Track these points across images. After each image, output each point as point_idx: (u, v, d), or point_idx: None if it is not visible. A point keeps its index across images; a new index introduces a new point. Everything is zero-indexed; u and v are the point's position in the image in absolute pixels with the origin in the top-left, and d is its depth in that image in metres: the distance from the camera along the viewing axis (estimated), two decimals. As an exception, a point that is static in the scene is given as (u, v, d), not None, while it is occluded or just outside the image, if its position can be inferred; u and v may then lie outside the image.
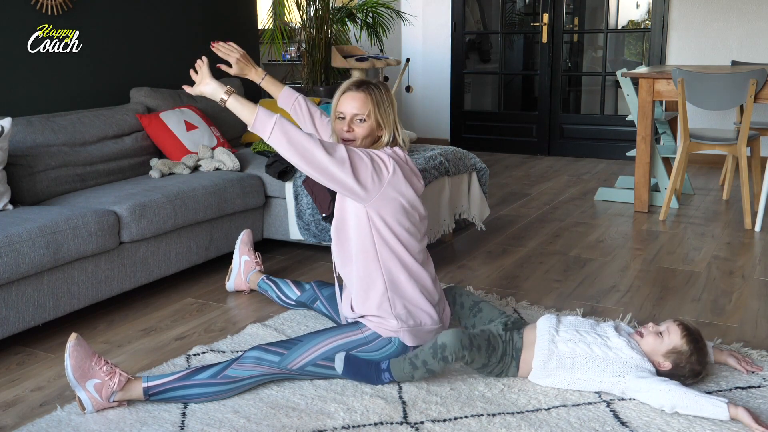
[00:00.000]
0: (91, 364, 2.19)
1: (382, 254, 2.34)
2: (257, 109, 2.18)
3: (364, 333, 2.37)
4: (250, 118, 2.18)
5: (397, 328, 2.35)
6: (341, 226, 2.41)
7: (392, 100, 2.41)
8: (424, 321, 2.39)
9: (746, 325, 2.84)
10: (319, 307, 2.86)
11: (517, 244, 4.00)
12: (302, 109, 2.67)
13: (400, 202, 2.32)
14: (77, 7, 3.82)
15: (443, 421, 2.13)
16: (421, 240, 2.44)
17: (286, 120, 2.19)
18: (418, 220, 2.40)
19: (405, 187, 2.32)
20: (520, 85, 7.76)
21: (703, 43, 6.12)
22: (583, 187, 5.45)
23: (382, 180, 2.27)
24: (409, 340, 2.37)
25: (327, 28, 5.91)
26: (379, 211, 2.30)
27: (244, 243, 3.26)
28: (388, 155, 2.32)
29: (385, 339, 2.36)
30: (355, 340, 2.35)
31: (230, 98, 2.23)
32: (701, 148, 4.41)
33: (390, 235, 2.33)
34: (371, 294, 2.37)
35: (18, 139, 3.26)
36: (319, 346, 2.32)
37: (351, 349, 2.33)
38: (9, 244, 2.59)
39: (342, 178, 2.21)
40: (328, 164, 2.18)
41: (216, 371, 2.25)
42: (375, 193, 2.26)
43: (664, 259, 3.70)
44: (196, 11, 4.57)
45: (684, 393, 2.11)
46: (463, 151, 3.89)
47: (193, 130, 3.86)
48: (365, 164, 2.24)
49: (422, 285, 2.41)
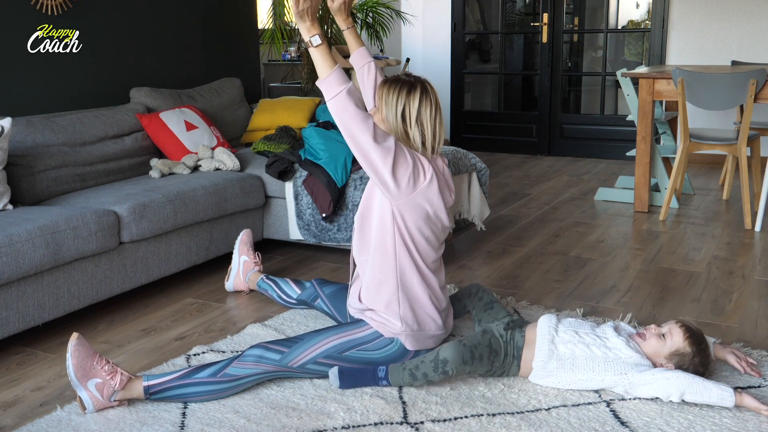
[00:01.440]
0: (93, 364, 2.20)
1: (400, 254, 2.34)
2: (334, 70, 2.18)
3: (365, 332, 2.36)
4: (324, 74, 2.19)
5: (400, 330, 2.35)
6: (366, 215, 2.40)
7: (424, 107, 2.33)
8: (429, 326, 2.39)
9: (746, 325, 2.84)
10: (320, 305, 2.86)
11: (517, 244, 4.00)
12: (370, 75, 2.67)
13: (426, 210, 2.31)
14: (77, 7, 3.82)
15: (443, 421, 2.13)
16: (438, 249, 2.45)
17: (353, 93, 2.18)
18: (440, 230, 2.40)
19: (436, 198, 2.32)
20: (520, 85, 7.76)
21: (703, 43, 6.12)
22: (583, 187, 5.45)
23: (417, 185, 2.27)
24: (411, 344, 2.36)
25: (327, 28, 5.91)
26: (402, 212, 2.30)
27: (243, 243, 3.26)
28: (428, 163, 2.31)
29: (386, 339, 2.35)
30: (356, 338, 2.35)
31: (316, 47, 2.21)
32: (701, 148, 4.41)
33: (409, 239, 2.33)
34: (383, 290, 2.36)
35: (18, 139, 3.26)
36: (321, 344, 2.32)
37: (351, 348, 2.33)
38: (9, 244, 2.60)
39: (380, 167, 2.20)
40: (371, 150, 2.18)
41: (216, 369, 2.25)
42: (406, 195, 2.26)
43: (664, 259, 3.70)
44: (196, 11, 4.57)
45: (692, 378, 2.13)
46: (463, 151, 3.89)
47: (193, 130, 3.86)
48: (407, 164, 2.24)
49: (432, 291, 2.41)
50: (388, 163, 2.20)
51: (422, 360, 2.27)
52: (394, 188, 2.24)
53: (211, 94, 4.37)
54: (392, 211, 2.30)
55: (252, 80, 5.05)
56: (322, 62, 2.20)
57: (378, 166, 2.20)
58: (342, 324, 2.44)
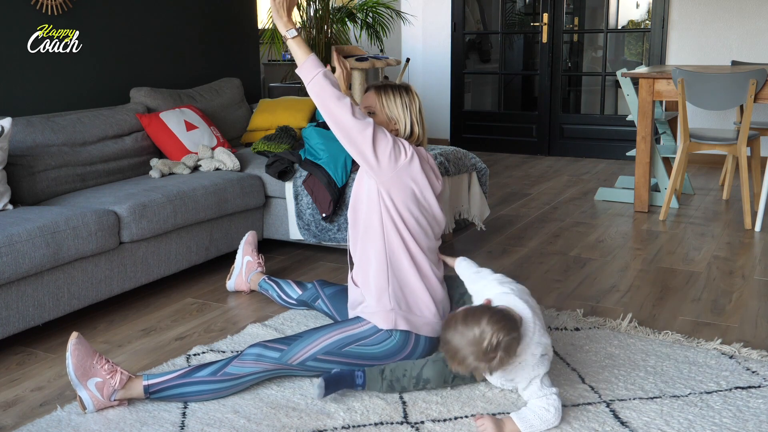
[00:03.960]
0: (93, 363, 2.20)
1: (389, 234, 2.39)
2: (309, 56, 2.36)
3: (364, 327, 2.37)
4: (301, 61, 2.37)
5: (389, 308, 2.35)
6: (357, 206, 2.47)
7: (408, 101, 2.54)
8: (422, 312, 2.40)
9: (746, 325, 2.84)
10: (321, 305, 2.86)
11: (517, 244, 4.00)
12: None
13: (411, 189, 2.38)
14: (77, 7, 3.82)
15: (443, 421, 2.13)
16: (432, 238, 2.49)
17: (329, 76, 2.34)
18: (432, 216, 2.46)
19: (420, 177, 2.39)
20: (520, 85, 7.77)
21: (703, 43, 6.13)
22: (583, 187, 5.45)
23: (398, 162, 2.35)
24: (405, 324, 2.36)
25: (327, 28, 5.91)
26: (390, 191, 2.37)
27: (248, 243, 3.28)
28: (409, 145, 2.42)
29: (384, 333, 2.35)
30: (355, 333, 2.35)
31: (292, 39, 2.39)
32: (701, 148, 4.41)
33: (398, 218, 2.38)
34: (372, 270, 2.41)
35: (18, 139, 3.26)
36: (320, 340, 2.33)
37: (351, 343, 2.33)
38: (9, 244, 2.60)
39: (361, 142, 2.30)
40: (352, 126, 2.30)
41: (216, 368, 2.26)
42: (388, 171, 2.34)
43: (664, 259, 3.70)
44: (196, 11, 4.57)
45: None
46: (463, 151, 3.89)
47: (193, 130, 3.86)
48: (387, 141, 2.34)
49: (427, 279, 2.42)
50: (368, 137, 2.30)
51: (404, 374, 2.28)
52: (375, 164, 2.32)
53: (211, 94, 4.37)
54: (378, 191, 2.38)
55: (252, 80, 5.05)
56: (299, 51, 2.39)
57: (359, 141, 2.30)
58: (341, 321, 2.45)
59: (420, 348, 2.37)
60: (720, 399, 2.22)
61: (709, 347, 2.58)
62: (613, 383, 2.33)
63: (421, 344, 2.38)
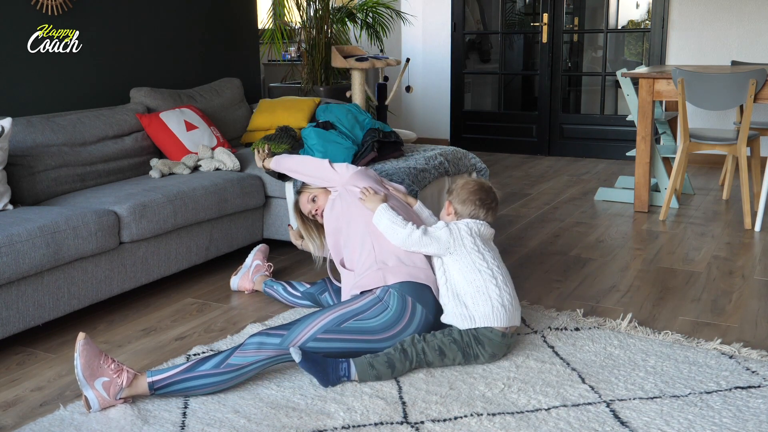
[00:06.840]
0: (100, 363, 2.21)
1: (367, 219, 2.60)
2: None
3: (360, 302, 2.43)
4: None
5: (376, 267, 2.48)
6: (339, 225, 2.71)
7: None
8: (413, 261, 2.52)
9: (746, 325, 2.84)
10: (326, 298, 2.93)
11: (517, 243, 4.01)
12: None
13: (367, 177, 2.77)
14: (77, 7, 3.82)
15: (443, 421, 2.13)
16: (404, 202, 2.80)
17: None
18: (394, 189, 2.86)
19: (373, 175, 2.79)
20: (520, 85, 7.76)
21: (703, 43, 6.13)
22: (583, 187, 5.45)
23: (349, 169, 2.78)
24: (393, 278, 2.45)
25: (327, 28, 5.91)
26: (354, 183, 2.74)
27: (260, 251, 3.37)
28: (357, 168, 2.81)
29: (382, 305, 2.40)
30: (352, 309, 2.40)
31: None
32: (701, 148, 4.41)
33: None
34: (358, 250, 2.59)
35: (18, 139, 3.27)
36: (319, 320, 2.37)
37: (349, 318, 2.38)
38: (9, 244, 2.60)
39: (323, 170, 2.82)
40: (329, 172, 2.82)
41: (219, 361, 2.27)
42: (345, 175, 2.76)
43: (664, 259, 3.70)
44: (196, 11, 4.57)
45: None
46: (463, 151, 3.89)
47: (193, 130, 3.86)
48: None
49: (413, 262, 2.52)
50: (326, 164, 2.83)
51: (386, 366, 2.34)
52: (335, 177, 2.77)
53: (211, 94, 4.37)
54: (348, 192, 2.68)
55: (252, 80, 5.05)
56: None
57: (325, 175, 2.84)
58: (339, 302, 2.56)
59: (417, 319, 2.40)
60: (720, 399, 2.22)
61: (709, 347, 2.58)
62: (613, 383, 2.33)
63: (418, 315, 2.41)
